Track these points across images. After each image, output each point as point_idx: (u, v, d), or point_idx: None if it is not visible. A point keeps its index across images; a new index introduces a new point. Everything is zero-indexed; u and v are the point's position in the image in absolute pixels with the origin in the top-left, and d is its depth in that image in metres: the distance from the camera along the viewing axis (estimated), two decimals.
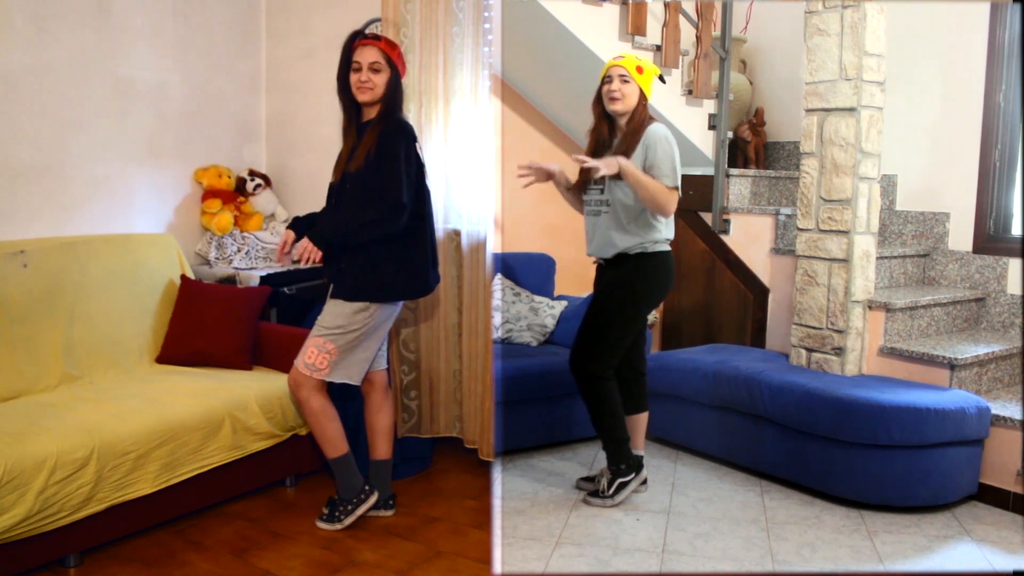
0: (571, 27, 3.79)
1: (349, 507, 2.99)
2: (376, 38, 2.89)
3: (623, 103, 3.05)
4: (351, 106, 2.92)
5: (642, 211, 3.05)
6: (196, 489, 3.00)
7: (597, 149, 3.15)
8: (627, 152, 3.04)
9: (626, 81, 3.05)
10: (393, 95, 2.90)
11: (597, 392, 3.12)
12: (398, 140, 2.83)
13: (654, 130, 3.06)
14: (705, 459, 3.71)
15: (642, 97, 3.08)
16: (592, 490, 3.23)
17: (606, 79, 3.09)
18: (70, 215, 3.64)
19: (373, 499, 3.02)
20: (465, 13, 3.42)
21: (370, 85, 2.85)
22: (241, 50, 4.35)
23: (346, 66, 2.88)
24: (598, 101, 3.14)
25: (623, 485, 3.17)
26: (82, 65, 3.63)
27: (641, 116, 3.08)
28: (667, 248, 3.14)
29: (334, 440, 2.97)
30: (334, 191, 2.98)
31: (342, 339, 2.87)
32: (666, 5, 4.12)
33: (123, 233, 3.73)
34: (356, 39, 2.89)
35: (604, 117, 3.15)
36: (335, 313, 2.88)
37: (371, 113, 2.92)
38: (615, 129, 3.14)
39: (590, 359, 3.11)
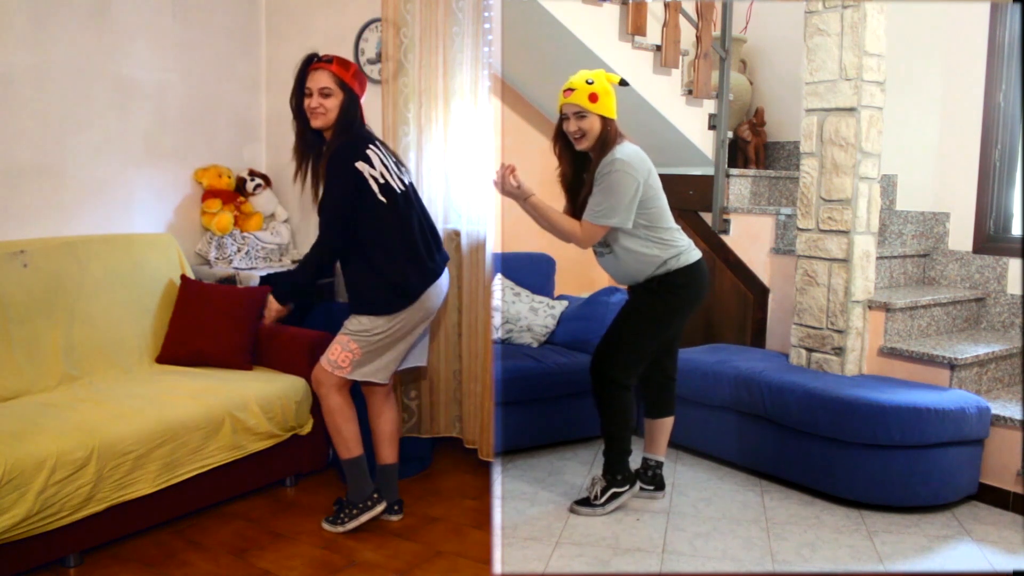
0: (571, 27, 3.79)
1: (354, 512, 2.98)
2: (328, 61, 2.86)
3: (587, 139, 2.94)
4: (306, 130, 2.91)
5: (645, 239, 2.98)
6: (196, 489, 3.00)
7: (572, 191, 3.06)
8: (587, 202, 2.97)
9: (583, 117, 2.91)
10: (344, 116, 2.87)
11: (614, 399, 3.05)
12: (332, 169, 2.82)
13: (608, 159, 2.90)
14: (705, 459, 3.71)
15: (605, 122, 2.93)
16: (582, 499, 3.16)
17: (563, 117, 2.96)
18: (70, 215, 3.64)
19: (379, 509, 3.00)
20: (465, 13, 3.42)
21: (321, 111, 2.85)
22: (241, 50, 4.35)
23: (300, 93, 2.88)
24: (561, 138, 3.01)
25: (616, 495, 3.12)
26: (82, 65, 3.63)
27: (610, 144, 2.92)
28: (694, 259, 3.04)
29: (348, 441, 2.97)
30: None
31: (365, 341, 2.88)
32: (666, 5, 4.12)
33: (123, 233, 3.73)
34: (309, 64, 2.88)
35: (568, 153, 3.03)
36: (357, 318, 2.90)
37: (328, 134, 2.91)
38: (587, 162, 3.01)
39: (614, 365, 3.04)
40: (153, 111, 3.94)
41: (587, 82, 2.91)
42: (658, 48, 4.14)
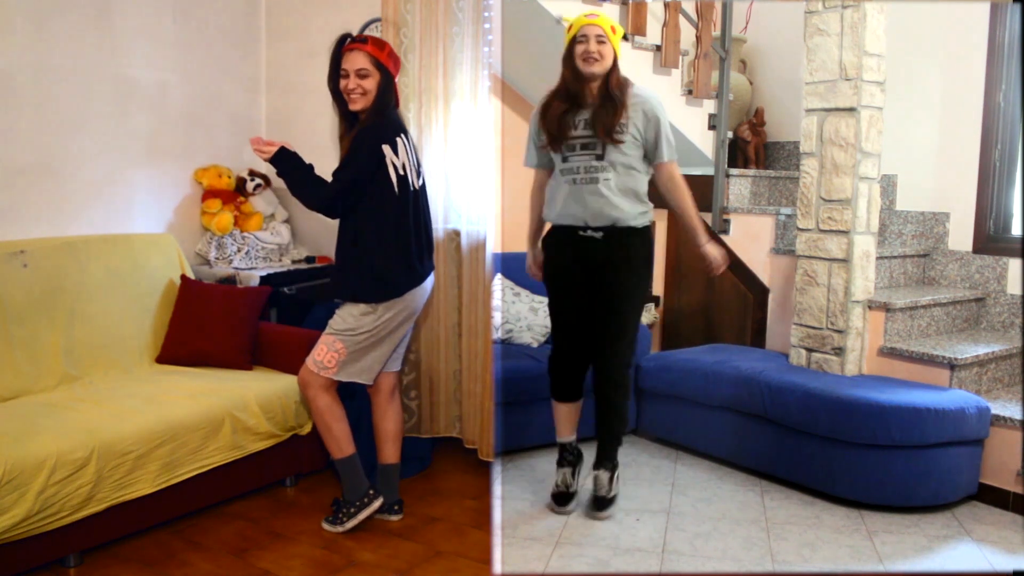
0: None
1: (352, 510, 2.98)
2: (363, 41, 2.82)
3: (601, 64, 2.86)
4: (347, 112, 2.88)
5: (642, 176, 2.96)
6: (196, 489, 2.99)
7: (566, 112, 2.91)
8: (616, 118, 2.86)
9: (603, 42, 2.86)
10: (381, 97, 2.84)
11: (627, 397, 3.07)
12: (356, 143, 2.79)
13: (649, 96, 2.94)
14: (705, 459, 3.70)
15: (615, 60, 2.91)
16: (596, 500, 3.10)
17: (579, 39, 2.87)
18: (70, 215, 3.64)
19: (376, 504, 3.00)
20: (465, 13, 3.42)
21: (360, 91, 2.80)
22: (241, 50, 4.35)
23: (335, 74, 2.84)
24: (569, 59, 2.90)
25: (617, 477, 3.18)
26: (82, 65, 3.63)
27: (620, 77, 2.91)
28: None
29: (339, 440, 2.97)
30: None
31: (351, 340, 2.87)
32: (666, 5, 4.12)
33: (123, 233, 3.73)
34: (343, 44, 2.84)
35: (574, 79, 2.91)
36: (343, 316, 2.89)
37: (363, 116, 2.88)
38: (584, 92, 2.91)
39: (626, 363, 3.00)
40: (153, 111, 3.94)
41: (608, 16, 2.93)
42: (658, 48, 4.15)
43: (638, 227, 2.97)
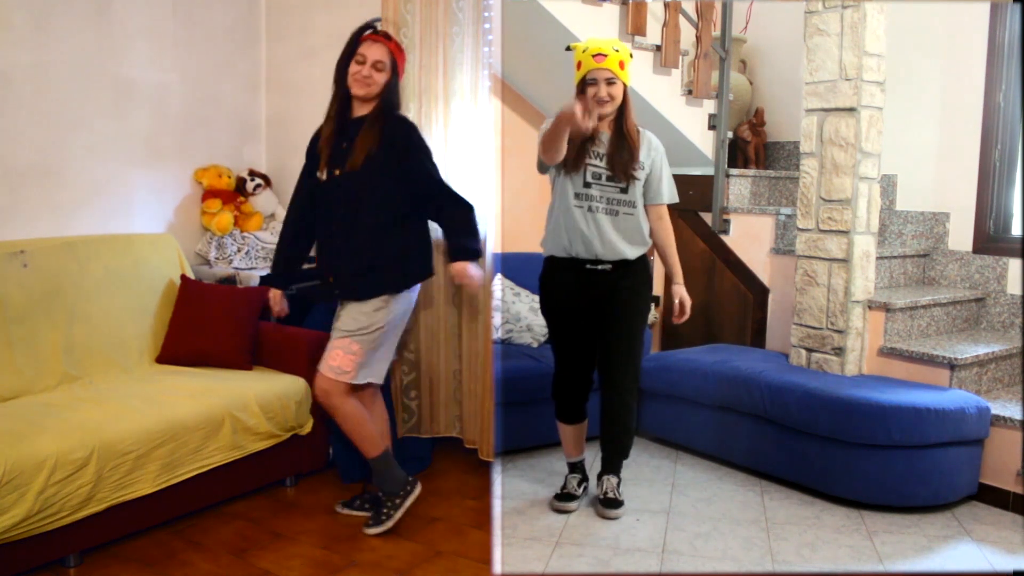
0: (571, 27, 3.79)
1: (397, 501, 2.98)
2: (387, 37, 2.90)
3: (612, 104, 2.91)
4: (344, 96, 2.90)
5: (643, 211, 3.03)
6: (196, 489, 2.99)
7: (583, 142, 2.93)
8: (634, 156, 2.93)
9: (613, 83, 2.88)
10: (391, 96, 2.89)
11: (635, 416, 3.09)
12: (417, 139, 2.91)
13: (652, 135, 3.04)
14: (705, 459, 3.71)
15: (625, 89, 2.93)
16: (605, 500, 3.10)
17: (588, 81, 2.89)
18: (70, 215, 3.64)
19: (418, 490, 3.04)
20: (465, 13, 3.42)
21: (370, 81, 2.84)
22: (241, 50, 4.35)
23: (348, 56, 2.87)
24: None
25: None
26: (82, 65, 3.63)
27: (630, 110, 2.95)
28: None
29: (372, 439, 2.96)
30: (326, 189, 2.93)
31: (366, 338, 2.87)
32: (666, 5, 4.12)
33: (123, 233, 3.73)
34: (365, 32, 2.88)
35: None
36: (354, 316, 2.88)
37: (362, 110, 2.89)
38: (598, 126, 2.94)
39: (635, 388, 3.04)
40: (153, 111, 3.94)
41: (614, 49, 2.89)
42: (658, 48, 4.14)
43: (642, 255, 3.05)
